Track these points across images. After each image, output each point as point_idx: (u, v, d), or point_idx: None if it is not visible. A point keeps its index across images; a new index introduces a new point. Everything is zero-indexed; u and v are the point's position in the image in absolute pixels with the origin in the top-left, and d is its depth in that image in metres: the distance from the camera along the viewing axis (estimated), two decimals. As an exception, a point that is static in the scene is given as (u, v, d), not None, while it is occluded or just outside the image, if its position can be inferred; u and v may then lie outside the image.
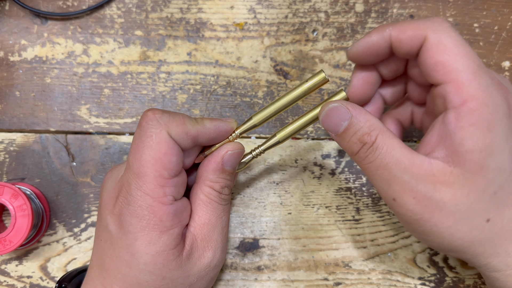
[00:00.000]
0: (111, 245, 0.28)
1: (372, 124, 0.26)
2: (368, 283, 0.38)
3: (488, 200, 0.25)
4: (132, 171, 0.27)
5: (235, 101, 0.39)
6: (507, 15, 0.40)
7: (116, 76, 0.39)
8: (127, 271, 0.28)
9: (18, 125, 0.39)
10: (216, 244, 0.30)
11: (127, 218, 0.27)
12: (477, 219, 0.25)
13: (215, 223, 0.30)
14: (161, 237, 0.27)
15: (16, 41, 0.39)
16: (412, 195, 0.25)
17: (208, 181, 0.30)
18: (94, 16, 0.40)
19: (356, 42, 0.29)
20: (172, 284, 0.28)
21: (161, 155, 0.27)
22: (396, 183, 0.25)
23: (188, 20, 0.40)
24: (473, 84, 0.24)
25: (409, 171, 0.25)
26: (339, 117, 0.26)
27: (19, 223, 0.33)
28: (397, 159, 0.25)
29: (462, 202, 0.25)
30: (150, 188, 0.27)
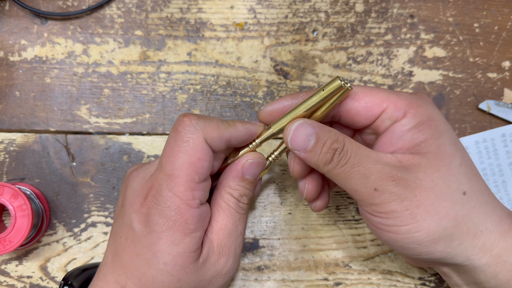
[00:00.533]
0: (132, 243, 0.29)
1: (335, 133, 0.28)
2: (368, 283, 0.37)
3: (457, 172, 0.27)
4: (165, 172, 0.28)
5: (235, 101, 0.39)
6: (507, 15, 0.40)
7: (116, 76, 0.39)
8: (145, 270, 0.28)
9: (18, 125, 0.39)
10: (229, 252, 0.31)
11: (155, 217, 0.28)
12: (455, 193, 0.27)
13: (230, 230, 0.31)
14: (184, 238, 0.28)
15: (16, 41, 0.39)
16: (391, 179, 0.26)
17: (228, 187, 0.31)
18: (94, 16, 0.40)
19: (269, 103, 0.31)
20: (186, 286, 0.29)
21: (195, 160, 0.28)
22: (373, 173, 0.26)
23: (188, 20, 0.40)
24: (402, 99, 0.28)
25: (381, 161, 0.27)
26: (305, 133, 0.27)
27: (19, 223, 0.33)
28: (367, 155, 0.27)
29: (436, 177, 0.27)
30: (181, 190, 0.28)
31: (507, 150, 0.38)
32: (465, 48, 0.40)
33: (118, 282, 0.29)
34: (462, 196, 0.27)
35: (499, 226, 0.27)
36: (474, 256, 0.27)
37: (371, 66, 0.40)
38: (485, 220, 0.27)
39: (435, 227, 0.26)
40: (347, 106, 0.29)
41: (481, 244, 0.27)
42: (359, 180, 0.27)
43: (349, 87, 0.28)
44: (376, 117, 0.29)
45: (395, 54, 0.40)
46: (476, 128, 0.39)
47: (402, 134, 0.28)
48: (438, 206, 0.26)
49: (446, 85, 0.40)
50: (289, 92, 0.39)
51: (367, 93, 0.29)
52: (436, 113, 0.29)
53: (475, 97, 0.40)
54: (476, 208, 0.27)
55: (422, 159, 0.27)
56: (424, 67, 0.40)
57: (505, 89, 0.40)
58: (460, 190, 0.27)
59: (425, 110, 0.28)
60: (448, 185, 0.27)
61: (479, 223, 0.27)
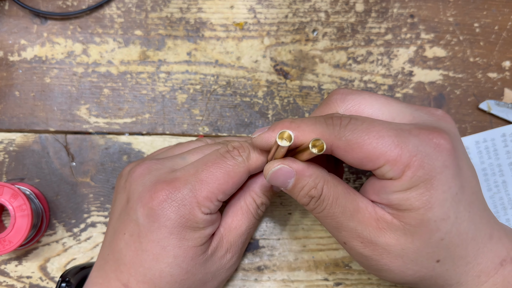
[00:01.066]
0: (138, 238, 0.29)
1: (317, 176, 0.26)
2: (368, 283, 0.37)
3: (436, 246, 0.26)
4: (198, 176, 0.29)
5: (235, 101, 0.39)
6: (507, 15, 0.40)
7: (115, 76, 0.39)
8: (151, 265, 0.29)
9: (17, 125, 0.39)
10: (237, 249, 0.32)
11: (167, 212, 0.28)
12: (426, 261, 0.26)
13: (243, 232, 0.32)
14: (194, 234, 0.29)
15: (15, 41, 0.39)
16: (360, 240, 0.26)
17: (254, 193, 0.32)
18: (94, 16, 0.40)
19: (259, 134, 0.28)
20: (192, 278, 0.30)
21: (230, 183, 0.29)
22: (344, 229, 0.26)
23: (188, 19, 0.40)
24: (404, 155, 0.24)
25: (355, 218, 0.26)
26: (284, 176, 0.26)
27: (18, 223, 0.33)
28: (343, 208, 0.26)
29: (408, 248, 0.26)
30: (203, 195, 0.28)
31: (508, 150, 0.38)
32: (466, 48, 0.40)
33: (119, 279, 0.29)
34: (435, 263, 0.26)
35: (475, 280, 0.27)
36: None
37: (371, 66, 0.40)
38: (459, 277, 0.27)
39: (399, 280, 0.27)
40: (340, 155, 0.26)
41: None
42: (332, 230, 0.28)
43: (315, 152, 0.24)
44: (369, 169, 0.26)
45: (395, 54, 0.40)
46: (477, 128, 0.39)
47: (390, 194, 0.25)
48: (405, 268, 0.26)
49: (446, 85, 0.40)
50: (289, 92, 0.39)
51: (364, 145, 0.24)
52: (439, 177, 0.25)
53: (475, 97, 0.40)
54: (449, 270, 0.27)
55: (398, 228, 0.25)
56: (424, 67, 0.40)
57: (505, 89, 0.40)
58: (433, 259, 0.26)
59: (425, 174, 0.24)
60: (420, 255, 0.26)
61: (449, 280, 0.27)
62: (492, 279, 0.27)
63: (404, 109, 0.28)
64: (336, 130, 0.25)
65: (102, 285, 0.30)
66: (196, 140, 0.35)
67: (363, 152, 0.25)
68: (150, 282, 0.29)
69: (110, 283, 0.29)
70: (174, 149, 0.34)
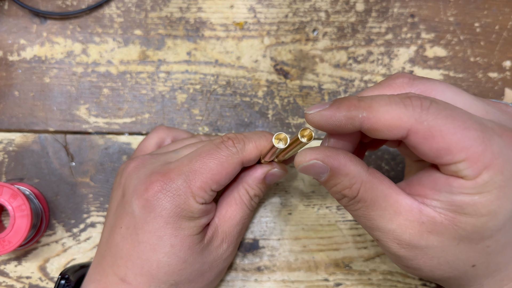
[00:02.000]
0: (134, 230, 0.29)
1: (353, 176, 0.23)
2: (368, 284, 0.37)
3: (479, 252, 0.24)
4: (191, 166, 0.29)
5: (235, 101, 0.39)
6: (508, 14, 0.40)
7: (115, 76, 0.39)
8: (149, 256, 0.29)
9: (17, 125, 0.39)
10: (232, 240, 0.32)
11: (162, 202, 0.28)
12: (463, 265, 0.24)
13: (238, 222, 0.32)
14: (190, 223, 0.29)
15: (15, 41, 0.39)
16: (396, 242, 0.24)
17: (247, 184, 0.32)
18: (93, 15, 0.40)
19: (319, 111, 0.24)
20: (190, 268, 0.30)
21: (223, 173, 0.29)
22: (379, 230, 0.24)
23: (188, 19, 0.40)
24: (486, 154, 0.21)
25: (395, 221, 0.23)
26: (317, 171, 0.24)
27: (18, 223, 0.33)
28: (382, 211, 0.24)
29: (450, 250, 0.24)
30: (196, 185, 0.29)
31: (508, 150, 0.38)
32: (466, 48, 0.40)
33: (116, 274, 0.29)
34: (469, 268, 0.25)
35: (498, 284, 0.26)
36: None
37: (372, 65, 0.39)
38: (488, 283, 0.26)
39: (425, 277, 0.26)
40: (414, 144, 0.22)
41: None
42: (364, 226, 0.26)
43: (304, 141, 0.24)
44: (443, 164, 0.22)
45: (395, 54, 0.40)
46: (477, 128, 0.39)
47: (457, 195, 0.22)
48: (437, 269, 0.25)
49: (446, 85, 0.39)
50: (289, 92, 0.39)
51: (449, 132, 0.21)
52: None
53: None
54: (480, 275, 0.25)
55: (447, 231, 0.23)
56: (424, 67, 0.40)
57: (506, 88, 0.39)
58: (470, 264, 0.24)
59: (505, 177, 0.22)
60: (459, 259, 0.24)
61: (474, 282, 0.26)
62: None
63: (476, 102, 0.25)
64: (417, 112, 0.22)
65: (100, 282, 0.30)
66: (190, 137, 0.35)
67: (445, 142, 0.21)
68: (148, 274, 0.29)
69: (108, 279, 0.29)
70: (168, 146, 0.34)
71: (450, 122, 0.21)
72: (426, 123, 0.22)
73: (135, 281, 0.29)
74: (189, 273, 0.30)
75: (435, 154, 0.22)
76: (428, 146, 0.22)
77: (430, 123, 0.21)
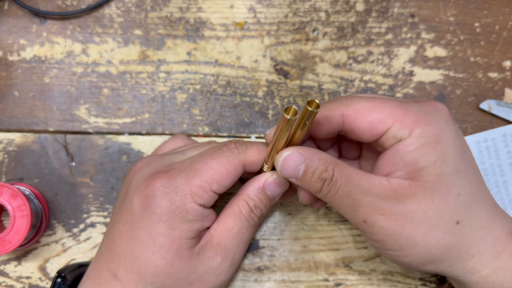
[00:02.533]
0: (130, 227, 0.29)
1: (326, 160, 0.27)
2: (368, 284, 0.37)
3: (454, 203, 0.26)
4: (192, 166, 0.29)
5: (235, 101, 0.39)
6: (508, 14, 0.40)
7: (115, 76, 0.39)
8: (140, 253, 0.29)
9: (17, 125, 0.39)
10: (228, 254, 0.31)
11: (159, 199, 0.28)
12: (447, 223, 0.26)
13: (235, 234, 0.31)
14: (182, 225, 0.29)
15: (15, 41, 0.39)
16: (380, 213, 0.26)
17: (246, 195, 0.31)
18: (93, 15, 0.40)
19: (272, 127, 0.30)
20: (176, 275, 0.29)
21: (224, 173, 0.29)
22: (361, 206, 0.26)
23: (188, 19, 0.40)
24: (409, 115, 0.27)
25: (371, 192, 0.26)
26: (295, 162, 0.27)
27: (18, 223, 0.33)
28: (357, 185, 0.26)
29: (429, 209, 0.26)
30: (196, 184, 0.29)
31: (508, 150, 0.38)
32: (466, 48, 0.40)
33: (110, 270, 0.29)
34: (455, 226, 0.27)
35: (493, 249, 0.27)
36: (463, 275, 0.28)
37: (372, 65, 0.39)
38: (478, 245, 0.27)
39: (424, 255, 0.27)
40: (351, 125, 0.28)
41: (471, 266, 0.27)
42: (349, 211, 0.27)
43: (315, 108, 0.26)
44: (380, 134, 0.28)
45: (395, 54, 0.40)
46: (477, 128, 0.39)
47: (404, 154, 0.27)
48: (428, 237, 0.26)
49: (447, 85, 0.39)
50: (289, 92, 0.39)
51: (371, 109, 0.27)
52: (444, 134, 0.27)
53: (476, 97, 0.39)
54: (469, 235, 0.27)
55: (417, 189, 0.26)
56: (425, 67, 0.40)
57: (506, 89, 0.39)
58: (453, 220, 0.27)
59: (433, 130, 0.27)
60: (441, 216, 0.26)
61: (470, 248, 0.27)
62: (508, 250, 0.27)
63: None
64: (343, 101, 0.28)
65: (94, 278, 0.30)
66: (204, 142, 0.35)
67: (372, 115, 0.27)
68: (136, 272, 0.29)
69: (102, 275, 0.30)
70: (177, 148, 0.35)
71: (371, 101, 0.27)
72: (352, 106, 0.28)
73: (125, 278, 0.29)
74: (175, 279, 0.29)
75: (368, 127, 0.27)
76: (361, 122, 0.27)
77: (356, 106, 0.28)
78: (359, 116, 0.27)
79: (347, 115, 0.28)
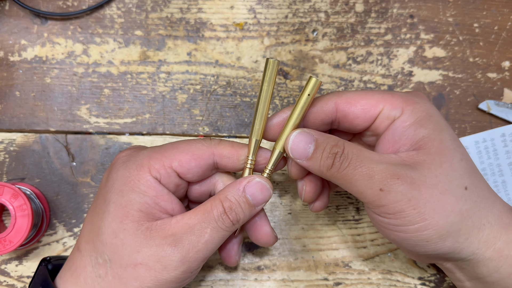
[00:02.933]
0: (96, 200, 0.30)
1: (335, 138, 0.28)
2: (368, 283, 0.37)
3: (459, 168, 0.27)
4: (162, 146, 0.30)
5: (235, 101, 0.39)
6: (507, 15, 0.40)
7: (116, 76, 0.39)
8: (95, 221, 0.29)
9: (18, 125, 0.39)
10: (181, 248, 0.27)
11: (118, 166, 0.29)
12: (457, 188, 0.27)
13: (195, 231, 0.28)
14: (131, 193, 0.28)
15: (16, 41, 0.39)
16: (396, 177, 0.26)
17: (223, 195, 0.29)
18: (94, 16, 0.40)
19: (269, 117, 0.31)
20: (121, 248, 0.27)
21: (188, 155, 0.29)
22: (376, 172, 0.26)
23: (188, 20, 0.40)
24: (397, 97, 0.29)
25: (384, 161, 0.27)
26: (304, 141, 0.28)
27: (19, 223, 0.33)
28: (369, 156, 0.27)
29: (440, 173, 0.27)
30: (156, 157, 0.29)
31: (507, 150, 0.38)
32: (465, 48, 0.40)
33: (77, 245, 0.29)
34: (464, 191, 0.27)
35: (500, 220, 0.28)
36: (478, 250, 0.27)
37: (371, 66, 0.40)
38: (487, 214, 0.27)
39: (443, 224, 0.26)
40: (344, 111, 0.29)
41: (485, 237, 0.27)
42: (364, 182, 0.27)
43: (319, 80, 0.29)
44: (374, 118, 0.29)
45: (395, 54, 0.40)
46: (476, 128, 0.39)
47: (403, 130, 0.28)
48: (444, 202, 0.26)
49: (446, 85, 0.40)
50: (289, 92, 0.39)
51: (362, 96, 0.29)
52: (433, 109, 0.29)
53: (475, 97, 0.40)
54: (477, 202, 0.27)
55: (425, 156, 0.27)
56: (424, 67, 0.40)
57: (505, 89, 0.40)
58: (462, 185, 0.27)
59: (422, 106, 0.28)
60: (451, 181, 0.27)
61: (481, 217, 0.27)
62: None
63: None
64: (335, 93, 0.30)
65: (69, 256, 0.30)
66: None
67: (363, 100, 0.29)
68: (91, 241, 0.28)
69: (73, 251, 0.30)
70: None
71: (361, 91, 0.30)
72: (344, 95, 0.29)
73: (84, 249, 0.29)
74: (120, 254, 0.27)
75: (361, 111, 0.29)
76: (354, 107, 0.29)
77: (348, 95, 0.29)
78: (351, 102, 0.29)
79: (339, 103, 0.29)
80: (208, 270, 0.38)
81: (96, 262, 0.28)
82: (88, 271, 0.28)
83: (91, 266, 0.28)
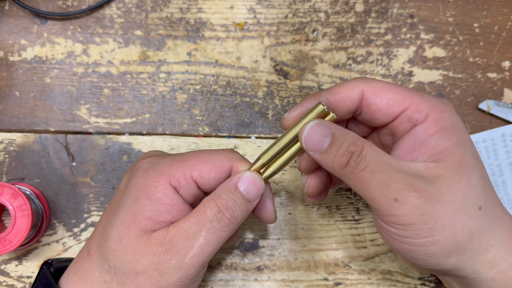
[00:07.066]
0: (110, 206, 0.30)
1: (354, 135, 0.26)
2: (368, 283, 0.37)
3: (476, 186, 0.26)
4: (183, 154, 0.30)
5: (235, 101, 0.39)
6: (507, 15, 0.40)
7: (116, 76, 0.39)
8: (106, 226, 0.28)
9: (18, 125, 0.39)
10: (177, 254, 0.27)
11: (139, 173, 0.29)
12: (471, 207, 0.26)
13: (190, 235, 0.27)
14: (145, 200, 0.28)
15: (15, 41, 0.39)
16: (413, 189, 0.25)
17: (216, 194, 0.28)
18: (94, 16, 0.40)
19: (291, 109, 0.30)
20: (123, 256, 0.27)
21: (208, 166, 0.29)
22: (394, 181, 0.25)
23: (188, 20, 0.40)
24: (425, 101, 0.27)
25: (403, 170, 0.26)
26: (321, 133, 0.26)
27: (19, 223, 0.33)
28: (388, 162, 0.26)
29: (456, 190, 0.26)
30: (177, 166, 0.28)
31: (507, 150, 0.38)
32: (465, 48, 0.40)
33: (86, 248, 0.29)
34: (478, 211, 0.26)
35: (508, 242, 0.27)
36: (481, 270, 0.27)
37: (371, 66, 0.40)
38: (496, 235, 0.27)
39: (450, 242, 0.26)
40: (368, 101, 0.28)
41: (490, 259, 0.27)
42: (379, 188, 0.25)
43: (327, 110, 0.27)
44: (395, 116, 0.28)
45: (395, 54, 0.40)
46: (476, 128, 0.39)
47: (425, 138, 0.27)
48: (456, 220, 0.25)
49: (446, 85, 0.40)
50: (289, 92, 0.39)
51: (390, 89, 0.28)
52: (459, 121, 0.27)
53: (475, 97, 0.40)
54: (488, 223, 0.26)
55: (444, 170, 0.26)
56: (424, 67, 0.40)
57: (505, 89, 0.40)
58: (477, 205, 0.26)
59: (448, 117, 0.27)
60: (467, 200, 0.26)
61: (490, 238, 0.27)
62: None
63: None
64: (363, 79, 0.29)
65: (76, 258, 0.30)
66: None
67: (390, 94, 0.27)
68: (99, 247, 0.28)
69: (81, 253, 0.30)
70: None
71: (390, 83, 0.28)
72: (372, 84, 0.28)
73: (94, 254, 0.28)
74: (122, 262, 0.27)
75: (385, 105, 0.27)
76: (378, 99, 0.28)
77: (375, 84, 0.28)
78: (378, 93, 0.28)
79: (366, 91, 0.28)
80: (208, 270, 0.38)
81: (103, 268, 0.28)
82: (95, 276, 0.28)
83: (98, 271, 0.28)
